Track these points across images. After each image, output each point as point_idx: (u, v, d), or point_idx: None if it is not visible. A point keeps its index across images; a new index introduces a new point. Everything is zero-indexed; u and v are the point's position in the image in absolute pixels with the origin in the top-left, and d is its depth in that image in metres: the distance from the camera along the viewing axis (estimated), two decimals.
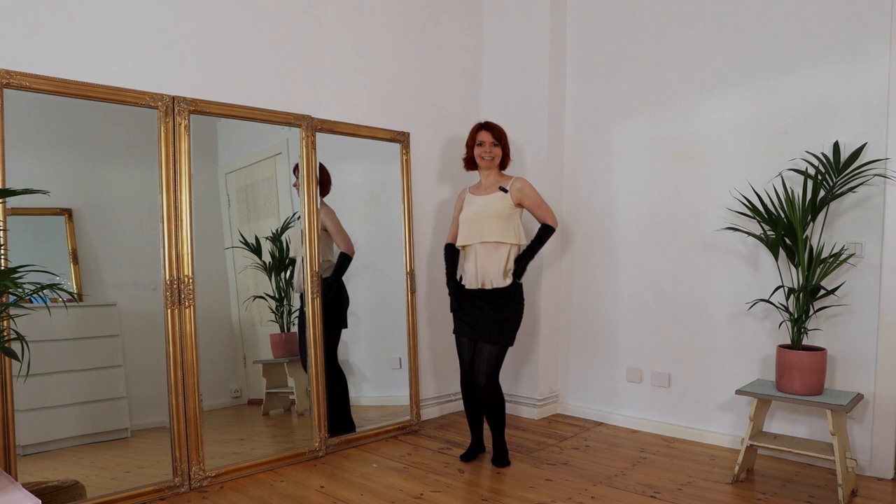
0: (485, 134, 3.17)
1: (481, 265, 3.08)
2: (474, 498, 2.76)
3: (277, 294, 3.35)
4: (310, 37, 3.40)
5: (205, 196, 3.06)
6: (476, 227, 3.11)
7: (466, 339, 3.17)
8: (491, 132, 3.17)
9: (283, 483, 2.90)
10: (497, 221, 3.08)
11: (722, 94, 3.44)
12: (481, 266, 3.08)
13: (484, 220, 3.10)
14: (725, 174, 3.41)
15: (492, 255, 3.07)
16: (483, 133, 3.18)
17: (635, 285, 3.80)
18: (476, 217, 3.13)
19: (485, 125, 3.21)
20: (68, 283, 2.68)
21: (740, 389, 2.98)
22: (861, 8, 3.00)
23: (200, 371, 2.83)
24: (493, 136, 3.16)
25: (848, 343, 3.06)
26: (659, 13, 3.67)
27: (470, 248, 3.14)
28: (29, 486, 2.34)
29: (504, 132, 3.22)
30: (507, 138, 3.25)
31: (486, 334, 3.07)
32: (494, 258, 3.06)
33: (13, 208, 2.41)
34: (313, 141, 3.27)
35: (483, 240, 3.08)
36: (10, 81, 2.37)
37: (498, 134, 3.18)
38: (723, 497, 2.77)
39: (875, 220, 2.98)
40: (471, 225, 3.13)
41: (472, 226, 3.13)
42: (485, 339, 3.08)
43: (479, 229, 3.10)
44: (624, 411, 3.86)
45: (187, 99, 2.83)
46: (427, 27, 3.97)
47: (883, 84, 2.94)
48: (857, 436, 3.04)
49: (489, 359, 3.08)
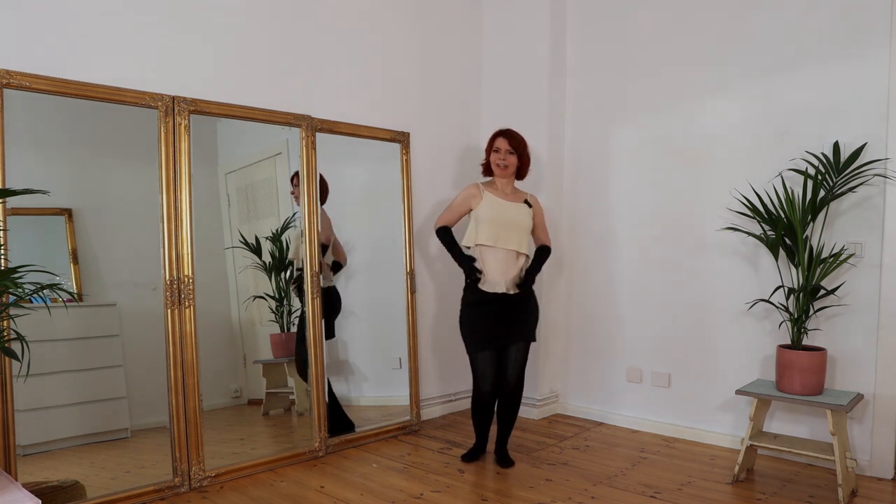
0: (501, 141, 3.15)
1: (502, 272, 3.07)
2: (474, 498, 2.76)
3: (277, 294, 3.35)
4: (310, 37, 3.39)
5: (205, 196, 3.06)
6: (506, 234, 3.08)
7: (490, 353, 3.11)
8: (508, 139, 3.14)
9: (283, 483, 2.90)
10: (524, 234, 3.13)
11: (722, 94, 3.43)
12: (503, 273, 3.07)
13: (514, 229, 3.10)
14: (725, 174, 3.40)
15: (517, 262, 3.11)
16: (500, 140, 3.16)
17: (635, 285, 3.80)
18: (508, 224, 3.09)
19: (504, 132, 3.18)
20: (68, 283, 2.68)
21: (740, 389, 2.98)
22: (861, 8, 3.00)
23: (200, 371, 2.82)
24: (509, 144, 3.13)
25: (848, 343, 3.06)
26: (659, 13, 3.67)
27: (492, 250, 3.08)
28: (29, 486, 2.34)
29: (524, 142, 3.18)
30: (528, 147, 3.21)
31: (520, 335, 3.11)
32: (516, 266, 3.10)
33: (13, 208, 2.41)
34: (313, 141, 3.27)
35: (509, 247, 3.07)
36: (10, 81, 2.37)
37: (515, 142, 3.15)
38: (723, 497, 2.77)
39: (875, 220, 2.98)
40: (501, 229, 3.08)
41: (503, 231, 3.08)
42: (518, 340, 3.11)
43: (510, 237, 3.07)
44: (624, 411, 3.86)
45: (187, 99, 2.83)
46: (427, 27, 3.97)
47: (883, 84, 2.94)
48: (857, 436, 3.03)
49: (523, 356, 3.16)
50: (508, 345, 3.12)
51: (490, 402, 3.17)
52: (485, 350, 3.10)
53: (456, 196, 3.25)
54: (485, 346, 3.09)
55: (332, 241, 3.47)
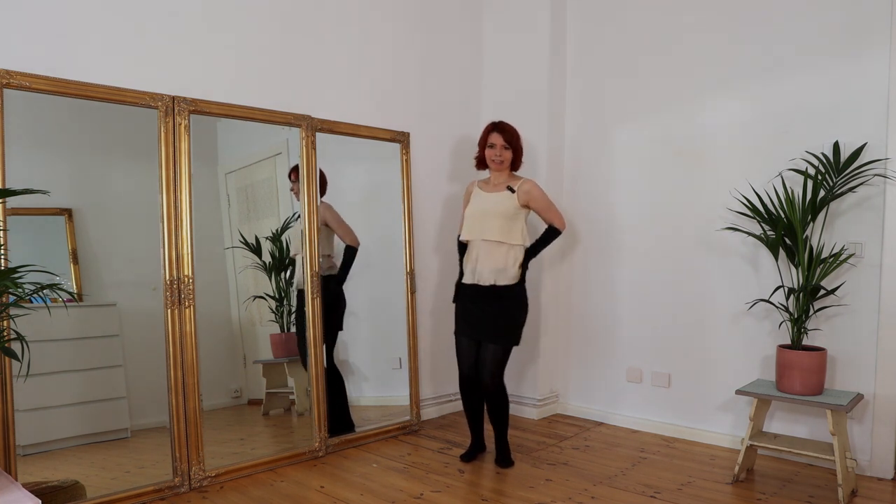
0: (496, 136, 3.12)
1: (481, 262, 3.08)
2: (474, 498, 2.76)
3: (277, 294, 3.35)
4: (310, 37, 3.39)
5: (205, 196, 3.06)
6: (479, 224, 3.10)
7: (467, 339, 3.16)
8: (503, 134, 3.12)
9: (283, 483, 2.90)
10: (500, 221, 3.06)
11: (722, 93, 3.43)
12: (480, 263, 3.08)
13: (488, 217, 3.09)
14: (725, 174, 3.40)
15: (492, 253, 3.06)
16: (494, 135, 3.13)
17: (635, 285, 3.80)
18: (481, 213, 3.11)
19: (497, 126, 3.15)
20: (68, 283, 2.68)
21: (740, 389, 2.98)
22: (861, 8, 3.00)
23: (200, 371, 2.82)
24: (504, 139, 3.12)
25: (848, 343, 3.06)
26: (659, 13, 3.67)
27: (472, 243, 3.13)
28: (29, 486, 2.34)
29: (517, 133, 3.16)
30: (521, 139, 3.20)
31: (490, 334, 3.07)
32: (495, 256, 3.06)
33: (13, 208, 2.41)
34: (313, 141, 3.27)
35: (485, 237, 3.07)
36: (10, 81, 2.37)
37: (510, 136, 3.13)
38: (723, 497, 2.77)
39: (875, 220, 2.98)
40: (474, 220, 3.13)
41: (476, 221, 3.12)
42: (489, 339, 3.07)
43: (482, 226, 3.09)
44: (624, 411, 3.86)
45: (187, 99, 2.83)
46: (427, 27, 3.97)
47: (883, 84, 2.94)
48: (857, 436, 3.03)
49: (494, 358, 3.07)
50: (482, 341, 3.11)
51: (469, 389, 3.18)
52: (461, 336, 3.17)
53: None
54: (461, 332, 3.17)
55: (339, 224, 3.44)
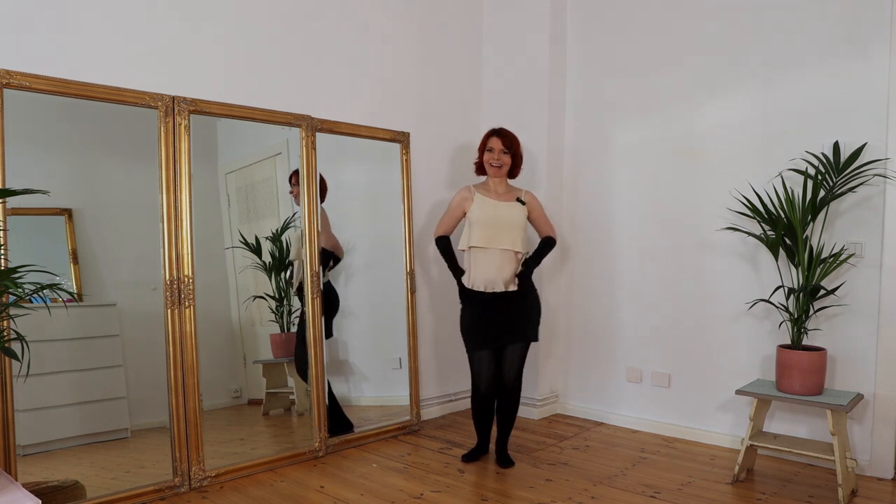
0: (495, 140, 3.15)
1: (497, 270, 3.07)
2: (474, 498, 2.76)
3: (277, 294, 3.35)
4: (310, 37, 3.40)
5: (205, 196, 3.06)
6: (497, 233, 3.08)
7: (488, 351, 3.11)
8: (502, 139, 3.14)
9: (283, 483, 2.90)
10: (518, 232, 3.11)
11: (722, 93, 3.44)
12: (497, 271, 3.07)
13: (507, 228, 3.09)
14: (725, 174, 3.40)
15: (511, 261, 3.10)
16: (494, 139, 3.15)
17: (635, 285, 3.80)
18: (500, 224, 3.09)
19: (497, 132, 3.18)
20: (68, 283, 2.68)
21: (740, 389, 2.98)
22: (861, 8, 3.00)
23: (200, 371, 2.82)
24: (503, 144, 3.13)
25: (848, 343, 3.06)
26: (659, 13, 3.67)
27: (484, 250, 3.08)
28: (29, 486, 2.34)
29: (516, 140, 3.18)
30: (521, 147, 3.21)
31: (518, 333, 3.11)
32: (512, 265, 3.10)
33: (13, 208, 2.41)
34: (313, 141, 3.27)
35: (503, 246, 3.07)
36: (10, 81, 2.37)
37: (509, 142, 3.14)
38: (723, 497, 2.77)
39: (875, 220, 2.98)
40: (491, 230, 3.08)
41: (493, 231, 3.08)
42: (516, 339, 3.11)
43: (500, 236, 3.07)
44: (624, 411, 3.86)
45: (187, 99, 2.83)
46: (427, 27, 3.97)
47: (883, 84, 2.94)
48: (857, 436, 3.04)
49: (520, 357, 3.14)
50: (506, 344, 3.12)
51: (488, 402, 3.17)
52: (482, 349, 3.10)
53: (450, 202, 3.26)
54: (482, 345, 3.10)
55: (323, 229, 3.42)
